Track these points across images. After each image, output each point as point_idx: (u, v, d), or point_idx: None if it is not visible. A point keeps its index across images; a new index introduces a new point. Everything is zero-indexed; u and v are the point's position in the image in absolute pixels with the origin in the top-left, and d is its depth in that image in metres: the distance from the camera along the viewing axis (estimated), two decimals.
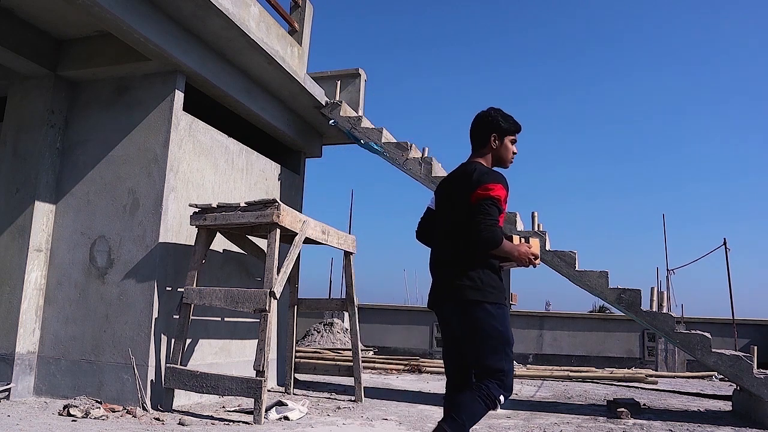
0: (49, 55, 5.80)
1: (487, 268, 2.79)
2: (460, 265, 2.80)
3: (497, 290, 2.78)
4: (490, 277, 2.79)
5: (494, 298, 2.76)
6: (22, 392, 5.40)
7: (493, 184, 2.74)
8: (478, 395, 2.68)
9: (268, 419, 4.96)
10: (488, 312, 2.74)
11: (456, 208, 2.85)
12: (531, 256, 2.82)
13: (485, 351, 2.74)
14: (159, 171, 5.52)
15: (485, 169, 2.86)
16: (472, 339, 2.78)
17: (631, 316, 6.45)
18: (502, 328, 2.75)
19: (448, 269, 2.86)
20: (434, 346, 15.99)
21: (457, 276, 2.79)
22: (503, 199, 2.77)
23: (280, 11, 6.85)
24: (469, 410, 2.68)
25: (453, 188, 2.92)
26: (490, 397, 2.68)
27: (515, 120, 3.01)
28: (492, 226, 2.68)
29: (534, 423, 5.43)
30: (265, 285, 5.07)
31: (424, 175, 6.95)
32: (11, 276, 5.57)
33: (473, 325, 2.76)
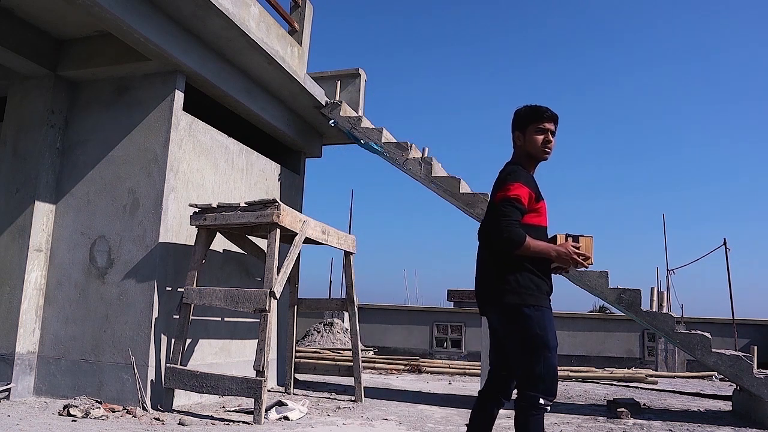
0: (49, 55, 5.80)
1: (524, 271, 2.71)
2: (496, 269, 2.76)
3: (536, 292, 2.70)
4: (528, 279, 2.71)
5: (532, 300, 2.68)
6: (22, 392, 5.40)
7: (512, 184, 2.70)
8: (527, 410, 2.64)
9: (268, 419, 4.97)
10: (526, 315, 2.67)
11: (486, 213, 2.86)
12: (577, 256, 2.71)
13: (523, 354, 2.70)
14: (159, 171, 5.52)
15: (510, 170, 2.81)
16: (511, 342, 2.75)
17: (631, 316, 6.44)
18: (540, 331, 2.67)
19: (486, 273, 2.84)
20: (434, 346, 16.00)
21: (494, 280, 2.76)
22: (524, 198, 2.69)
23: (280, 11, 6.85)
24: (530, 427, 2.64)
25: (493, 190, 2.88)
26: (534, 407, 2.63)
27: (538, 106, 2.88)
28: (508, 226, 2.62)
29: None
30: (265, 285, 5.07)
31: (424, 175, 6.95)
32: (11, 276, 5.57)
33: (512, 329, 2.72)
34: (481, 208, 6.69)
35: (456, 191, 6.85)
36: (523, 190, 2.70)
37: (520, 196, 2.68)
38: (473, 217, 6.95)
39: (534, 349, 2.66)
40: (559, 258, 2.69)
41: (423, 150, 7.43)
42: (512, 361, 2.77)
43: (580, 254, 2.72)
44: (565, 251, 2.69)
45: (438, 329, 16.12)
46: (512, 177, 2.73)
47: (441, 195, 6.98)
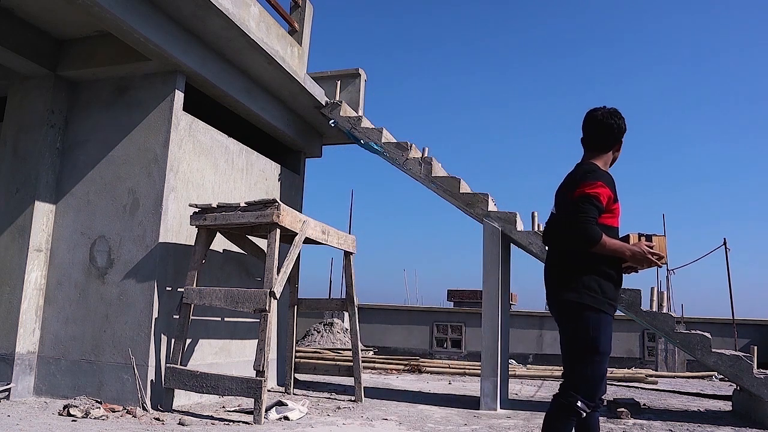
0: (49, 55, 5.80)
1: (592, 273, 2.69)
2: (563, 268, 2.77)
3: (599, 295, 2.67)
4: (594, 281, 2.68)
5: (592, 302, 2.66)
6: (22, 392, 5.40)
7: (593, 182, 2.69)
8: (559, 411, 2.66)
9: (268, 419, 4.97)
10: (583, 316, 2.66)
11: (561, 210, 2.84)
12: (651, 255, 2.68)
13: (573, 354, 2.71)
14: (159, 171, 5.52)
15: (590, 168, 2.79)
16: (566, 342, 2.76)
17: (631, 316, 6.44)
18: (594, 335, 2.64)
19: (554, 272, 2.84)
20: (434, 346, 16.00)
21: (560, 279, 2.77)
22: (603, 197, 2.68)
23: (280, 11, 6.85)
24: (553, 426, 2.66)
25: (562, 190, 2.88)
26: (571, 409, 2.62)
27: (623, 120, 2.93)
28: (586, 222, 2.61)
29: (534, 423, 5.43)
30: (265, 285, 5.07)
31: (424, 175, 6.95)
32: (11, 276, 5.57)
33: (567, 327, 2.74)
34: (481, 208, 6.70)
35: (456, 191, 6.85)
36: (604, 190, 2.69)
37: (599, 195, 2.67)
38: (473, 216, 6.95)
39: (584, 350, 2.65)
40: (634, 257, 2.68)
41: (423, 150, 7.44)
42: (563, 358, 2.78)
43: (654, 253, 2.70)
44: (640, 250, 2.67)
45: (438, 329, 16.12)
46: (593, 176, 2.72)
47: (441, 195, 6.98)
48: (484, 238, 6.57)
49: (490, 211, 6.67)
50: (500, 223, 6.56)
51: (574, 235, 2.64)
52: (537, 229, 6.65)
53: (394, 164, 7.19)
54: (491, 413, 6.00)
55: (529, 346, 15.37)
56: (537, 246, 6.43)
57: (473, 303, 16.55)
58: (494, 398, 6.23)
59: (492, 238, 6.53)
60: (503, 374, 6.62)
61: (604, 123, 2.86)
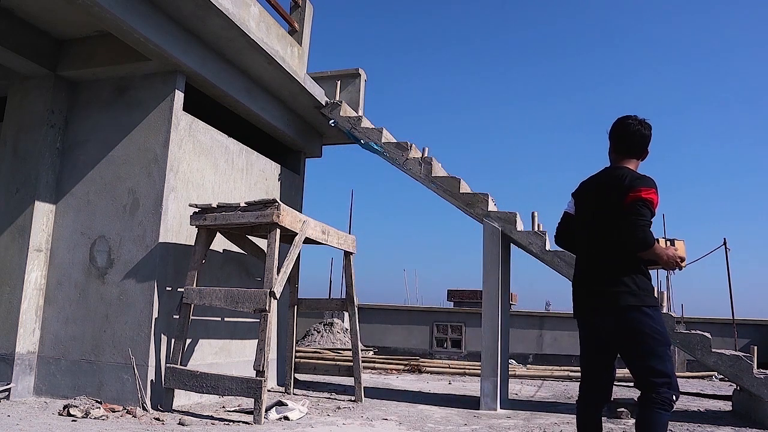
0: (49, 55, 5.80)
1: (639, 273, 2.82)
2: (613, 272, 2.83)
3: (651, 293, 2.81)
4: (644, 281, 2.81)
5: (651, 302, 2.79)
6: (22, 392, 5.40)
7: (646, 188, 2.79)
8: (657, 407, 2.72)
9: (268, 419, 4.97)
10: (648, 315, 2.76)
11: (606, 214, 2.88)
12: (677, 259, 2.83)
13: (650, 354, 2.76)
14: (159, 171, 5.52)
15: (637, 174, 2.91)
16: (634, 344, 2.80)
17: None
18: (662, 330, 2.79)
19: (601, 277, 2.88)
20: (434, 346, 15.99)
21: (612, 283, 2.82)
22: (655, 203, 2.80)
23: (280, 11, 6.85)
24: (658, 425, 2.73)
25: (602, 193, 2.93)
26: (666, 401, 2.72)
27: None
28: (645, 226, 2.71)
29: (534, 423, 5.43)
30: (265, 285, 5.07)
31: (424, 175, 6.95)
32: (11, 276, 5.57)
33: (634, 330, 2.77)
34: (481, 208, 6.69)
35: (456, 191, 6.85)
36: (656, 197, 2.81)
37: (654, 201, 2.79)
38: (473, 216, 6.95)
39: (658, 347, 2.76)
40: (667, 262, 2.82)
41: (423, 150, 7.44)
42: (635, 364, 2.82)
43: (680, 257, 2.86)
44: (672, 254, 2.83)
45: (438, 329, 16.11)
46: (645, 182, 2.83)
47: (441, 195, 6.98)
48: (484, 238, 6.57)
49: (490, 211, 6.67)
50: (500, 223, 6.56)
51: (633, 239, 2.73)
52: (537, 229, 6.64)
53: (394, 164, 7.19)
54: (491, 413, 6.00)
55: (529, 346, 15.37)
56: (537, 246, 6.43)
57: (473, 303, 16.54)
58: (494, 398, 6.23)
59: (492, 238, 6.53)
60: (503, 374, 6.62)
61: (642, 132, 3.00)
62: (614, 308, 2.79)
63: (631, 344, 2.80)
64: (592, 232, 2.95)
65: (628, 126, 3.01)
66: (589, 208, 3.00)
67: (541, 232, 6.53)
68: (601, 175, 3.05)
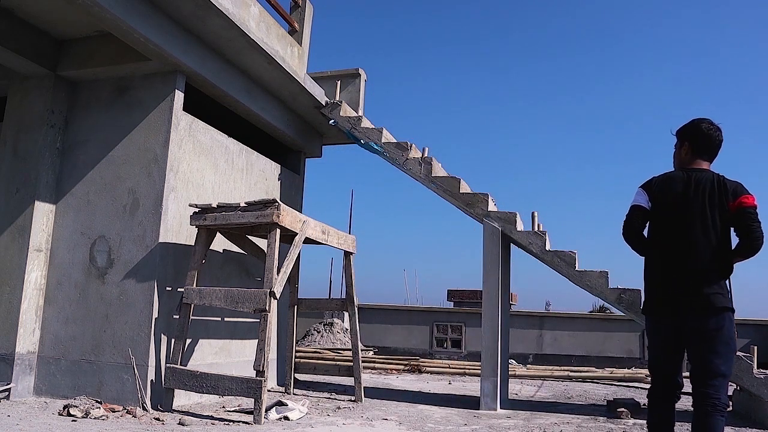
0: (49, 55, 5.80)
1: (728, 277, 2.94)
2: (714, 274, 2.90)
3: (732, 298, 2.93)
4: (730, 285, 2.94)
5: (733, 306, 2.91)
6: (22, 392, 5.40)
7: (748, 194, 2.94)
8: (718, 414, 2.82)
9: (268, 419, 4.97)
10: (731, 319, 2.87)
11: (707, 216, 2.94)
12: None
13: (725, 356, 2.86)
14: (159, 171, 5.52)
15: (732, 180, 3.03)
16: (716, 345, 2.87)
17: (631, 316, 6.44)
18: (734, 336, 2.90)
19: (701, 277, 2.91)
20: (434, 346, 15.98)
21: (711, 284, 2.89)
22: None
23: (280, 11, 6.85)
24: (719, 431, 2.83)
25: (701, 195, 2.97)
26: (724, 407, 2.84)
27: None
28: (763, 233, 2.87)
29: (534, 423, 5.43)
30: (265, 285, 5.07)
31: (424, 175, 6.95)
32: (11, 276, 5.57)
33: (719, 332, 2.85)
34: (481, 208, 6.69)
35: (456, 191, 6.85)
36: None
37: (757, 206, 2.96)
38: (473, 216, 6.95)
39: (731, 352, 2.89)
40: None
41: (423, 150, 7.43)
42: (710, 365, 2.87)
43: None
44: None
45: (438, 329, 16.11)
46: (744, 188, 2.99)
47: (441, 195, 6.98)
48: (484, 238, 6.57)
49: (490, 211, 6.67)
50: (500, 223, 6.56)
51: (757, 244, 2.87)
52: (537, 229, 6.64)
53: (394, 164, 7.19)
54: (491, 413, 6.00)
55: (529, 346, 15.36)
56: (537, 246, 6.43)
57: (473, 303, 16.54)
58: (494, 398, 6.23)
59: (492, 238, 6.53)
60: (503, 374, 6.62)
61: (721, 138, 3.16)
62: (708, 309, 2.86)
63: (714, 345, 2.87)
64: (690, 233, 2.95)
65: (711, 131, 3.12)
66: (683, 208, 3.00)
67: (541, 232, 6.53)
68: (689, 175, 3.06)
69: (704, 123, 3.12)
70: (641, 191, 3.15)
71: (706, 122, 3.12)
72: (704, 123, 3.12)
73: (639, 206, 3.12)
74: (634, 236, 3.16)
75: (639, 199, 3.14)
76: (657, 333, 3.06)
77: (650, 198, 3.11)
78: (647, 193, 3.13)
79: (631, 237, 3.16)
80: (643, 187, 3.16)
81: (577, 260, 6.33)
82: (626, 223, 3.17)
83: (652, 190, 3.11)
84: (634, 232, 3.15)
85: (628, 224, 3.16)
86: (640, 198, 3.14)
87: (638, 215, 3.13)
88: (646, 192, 3.13)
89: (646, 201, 3.11)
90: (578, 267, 6.30)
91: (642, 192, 3.15)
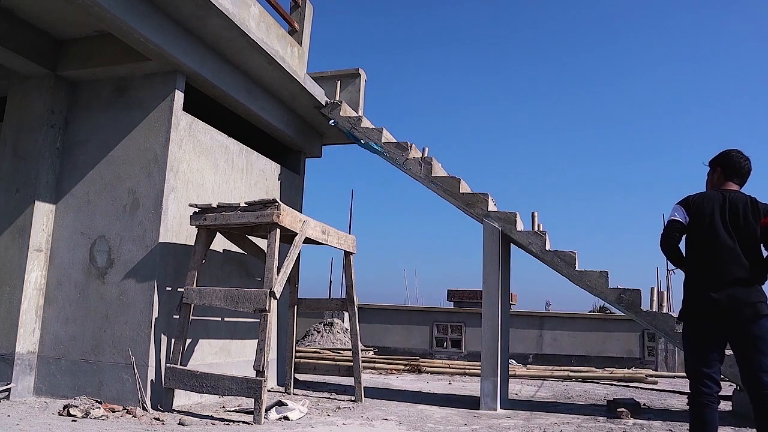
0: (49, 55, 5.80)
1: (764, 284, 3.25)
2: (754, 283, 3.22)
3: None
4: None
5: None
6: (22, 392, 5.40)
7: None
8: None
9: (268, 419, 4.97)
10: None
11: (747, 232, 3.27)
12: None
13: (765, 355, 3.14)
14: (159, 171, 5.52)
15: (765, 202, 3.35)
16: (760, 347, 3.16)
17: (631, 316, 6.44)
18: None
19: (744, 287, 3.21)
20: (434, 346, 15.99)
21: (753, 293, 3.20)
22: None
23: (280, 11, 6.85)
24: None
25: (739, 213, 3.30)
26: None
27: None
28: None
29: (534, 423, 5.43)
30: (265, 285, 5.07)
31: (424, 175, 6.95)
32: (11, 276, 5.57)
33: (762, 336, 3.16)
34: (481, 208, 6.69)
35: (456, 191, 6.85)
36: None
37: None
38: (473, 216, 6.95)
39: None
40: None
41: (423, 150, 7.43)
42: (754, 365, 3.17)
43: None
44: None
45: (438, 329, 16.12)
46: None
47: (441, 195, 6.98)
48: (484, 238, 6.57)
49: (490, 211, 6.67)
50: (500, 223, 6.56)
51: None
52: (537, 229, 6.64)
53: (394, 164, 7.19)
54: (491, 413, 6.00)
55: (529, 346, 15.37)
56: (537, 246, 6.43)
57: (473, 303, 16.54)
58: (494, 398, 6.23)
59: (492, 238, 6.53)
60: (503, 374, 6.62)
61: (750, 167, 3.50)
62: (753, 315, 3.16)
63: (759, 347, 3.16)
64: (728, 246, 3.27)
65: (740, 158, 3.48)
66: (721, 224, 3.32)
67: (541, 232, 6.53)
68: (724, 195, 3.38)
69: (733, 151, 3.49)
70: (679, 207, 3.47)
71: (734, 151, 3.49)
72: (733, 151, 3.49)
73: (677, 221, 3.44)
74: (672, 248, 3.48)
75: (677, 214, 3.46)
76: (699, 338, 3.31)
77: (687, 213, 3.42)
78: (685, 209, 3.44)
79: (669, 249, 3.49)
80: (681, 203, 3.47)
81: (577, 260, 6.33)
82: (664, 236, 3.49)
83: (690, 207, 3.42)
84: (671, 244, 3.46)
85: (666, 237, 3.48)
86: (677, 213, 3.45)
87: (676, 229, 3.44)
88: (684, 208, 3.45)
89: (683, 216, 3.43)
90: (578, 267, 6.30)
91: (680, 208, 3.46)
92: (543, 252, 6.40)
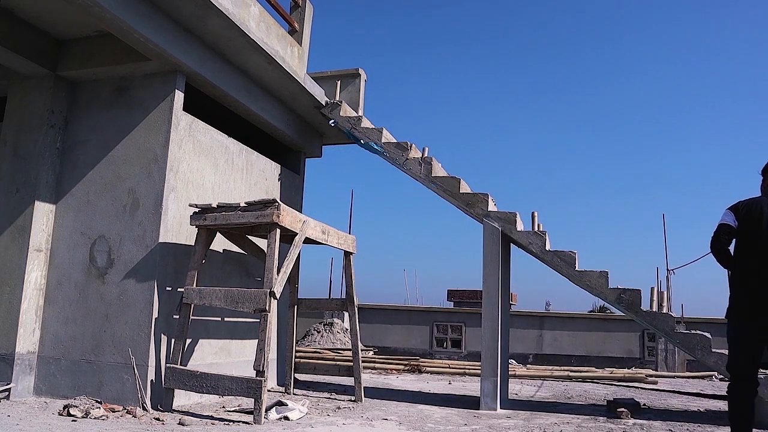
0: (49, 55, 5.80)
1: None
2: None
3: None
4: None
5: None
6: (22, 392, 5.40)
7: None
8: None
9: (268, 419, 4.97)
10: None
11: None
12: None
13: None
14: (159, 171, 5.52)
15: None
16: None
17: (631, 316, 6.44)
18: None
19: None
20: (434, 346, 16.00)
21: None
22: None
23: (280, 11, 6.85)
24: None
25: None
26: None
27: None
28: None
29: (534, 423, 5.43)
30: (265, 285, 5.07)
31: (424, 175, 6.95)
32: (11, 276, 5.57)
33: None
34: (481, 208, 6.69)
35: (456, 191, 6.85)
36: None
37: None
38: (473, 216, 6.95)
39: None
40: None
41: (423, 150, 7.44)
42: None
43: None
44: None
45: (438, 329, 16.13)
46: None
47: (441, 195, 6.98)
48: (484, 238, 6.57)
49: (490, 211, 6.67)
50: (500, 223, 6.56)
51: None
52: (537, 229, 6.64)
53: (394, 164, 7.19)
54: (491, 413, 6.00)
55: (529, 346, 15.39)
56: (537, 246, 6.43)
57: (473, 303, 16.55)
58: (494, 398, 6.23)
59: (492, 238, 6.53)
60: (503, 374, 6.62)
61: None
62: None
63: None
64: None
65: None
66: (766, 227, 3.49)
67: (541, 232, 6.53)
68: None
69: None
70: (728, 212, 3.62)
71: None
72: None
73: (727, 224, 3.59)
74: (721, 251, 3.62)
75: (727, 218, 3.61)
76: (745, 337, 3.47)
77: (737, 218, 3.58)
78: (734, 213, 3.60)
79: (718, 251, 3.62)
80: (731, 209, 3.63)
81: (577, 260, 6.33)
82: (714, 239, 3.62)
83: (740, 212, 3.58)
84: (721, 247, 3.62)
85: (716, 240, 3.62)
86: (727, 218, 3.61)
87: (725, 232, 3.60)
88: (733, 213, 3.61)
89: (733, 220, 3.59)
90: (578, 267, 6.30)
91: (729, 213, 3.62)
92: (543, 252, 6.40)
